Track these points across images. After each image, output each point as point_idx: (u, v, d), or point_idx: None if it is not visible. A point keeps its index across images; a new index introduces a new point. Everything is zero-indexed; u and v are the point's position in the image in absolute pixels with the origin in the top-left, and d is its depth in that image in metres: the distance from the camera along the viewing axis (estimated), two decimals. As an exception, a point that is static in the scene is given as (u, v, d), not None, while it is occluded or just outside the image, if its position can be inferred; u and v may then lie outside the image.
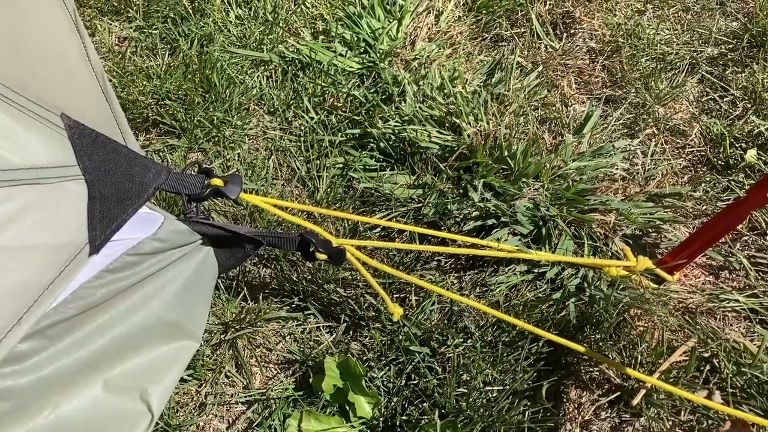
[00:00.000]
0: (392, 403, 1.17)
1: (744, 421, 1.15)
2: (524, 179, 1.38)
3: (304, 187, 1.44)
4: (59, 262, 0.78)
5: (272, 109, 1.55)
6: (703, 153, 1.55)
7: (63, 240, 0.78)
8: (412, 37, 1.68)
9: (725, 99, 1.63)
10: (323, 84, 1.57)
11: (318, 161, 1.45)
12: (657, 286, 1.32)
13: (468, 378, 1.19)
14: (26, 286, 0.74)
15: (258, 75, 1.60)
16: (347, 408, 1.18)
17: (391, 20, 1.69)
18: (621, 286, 1.27)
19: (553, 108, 1.56)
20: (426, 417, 1.15)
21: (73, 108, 0.85)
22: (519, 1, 1.77)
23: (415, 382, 1.19)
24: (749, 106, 1.60)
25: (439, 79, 1.56)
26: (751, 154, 1.50)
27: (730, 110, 1.61)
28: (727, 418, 1.17)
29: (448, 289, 1.29)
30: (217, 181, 0.99)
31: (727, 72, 1.68)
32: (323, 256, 1.06)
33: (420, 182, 1.41)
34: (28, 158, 0.74)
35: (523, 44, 1.71)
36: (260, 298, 1.26)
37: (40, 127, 0.79)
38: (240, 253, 1.05)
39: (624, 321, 1.26)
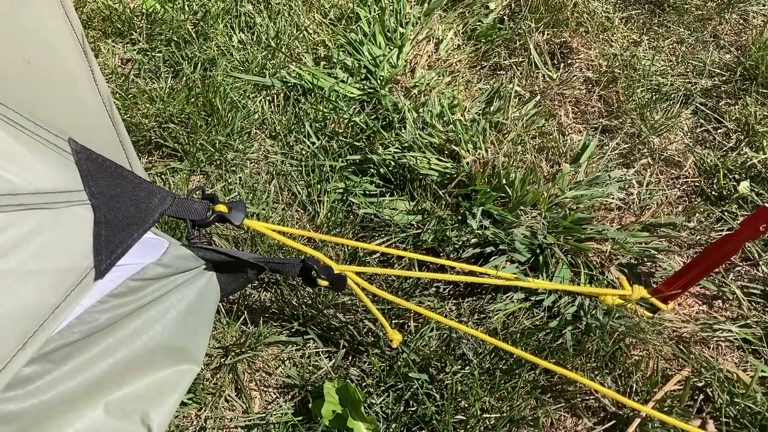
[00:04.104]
0: (391, 430, 1.18)
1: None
2: (522, 207, 1.40)
3: (304, 211, 1.45)
4: (65, 286, 0.78)
5: (274, 134, 1.57)
6: (697, 184, 1.57)
7: (68, 265, 0.79)
8: (412, 65, 1.70)
9: (719, 131, 1.66)
10: (325, 110, 1.59)
11: (319, 186, 1.46)
12: (652, 315, 1.34)
13: (466, 405, 1.20)
14: (31, 310, 0.75)
15: (260, 100, 1.62)
16: (345, 434, 1.18)
17: (391, 48, 1.71)
18: (616, 315, 1.29)
19: (551, 137, 1.59)
20: (423, 443, 1.15)
21: (80, 132, 0.86)
22: (517, 31, 1.80)
23: (413, 408, 1.20)
24: (742, 138, 1.62)
25: (438, 106, 1.58)
26: (744, 186, 1.52)
27: (724, 142, 1.64)
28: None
29: (446, 316, 1.30)
30: (221, 207, 1.00)
31: (720, 104, 1.71)
32: (324, 282, 1.07)
33: (419, 208, 1.43)
34: (35, 183, 0.75)
35: (521, 73, 1.74)
36: (260, 322, 1.27)
37: (47, 152, 0.80)
38: (242, 278, 1.06)
39: (619, 350, 1.27)
